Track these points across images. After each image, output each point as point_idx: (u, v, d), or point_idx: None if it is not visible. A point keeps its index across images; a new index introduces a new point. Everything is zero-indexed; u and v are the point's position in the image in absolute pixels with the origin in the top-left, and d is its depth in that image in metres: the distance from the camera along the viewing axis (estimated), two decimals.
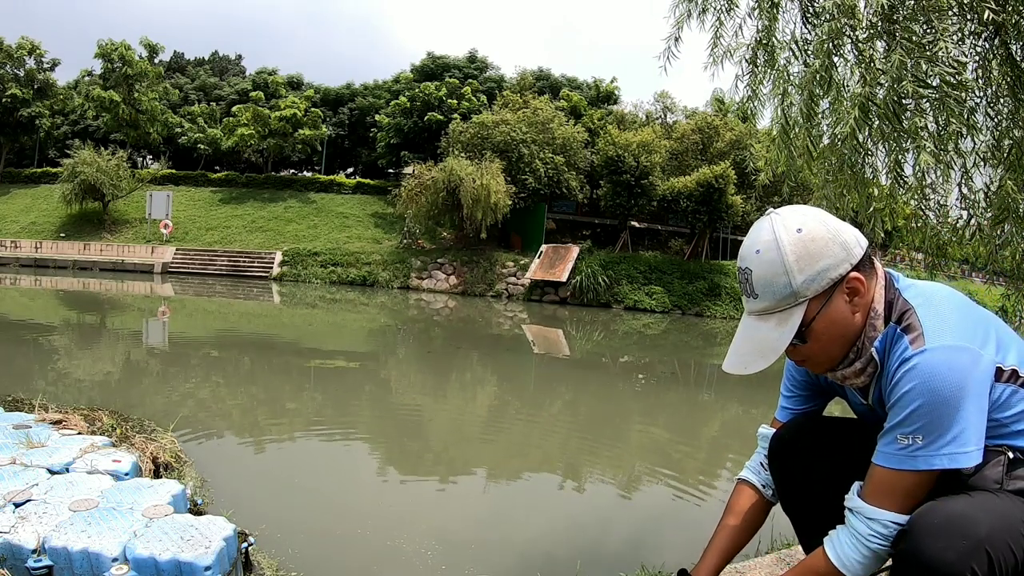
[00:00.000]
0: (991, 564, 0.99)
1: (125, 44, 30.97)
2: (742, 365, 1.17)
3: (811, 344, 1.15)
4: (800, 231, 1.10)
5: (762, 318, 1.15)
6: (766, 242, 1.11)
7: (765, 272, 1.11)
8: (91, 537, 2.13)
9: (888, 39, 2.15)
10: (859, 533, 1.13)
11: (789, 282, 1.09)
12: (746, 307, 1.18)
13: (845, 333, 1.15)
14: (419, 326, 15.32)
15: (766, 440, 1.49)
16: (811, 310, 1.11)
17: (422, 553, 3.21)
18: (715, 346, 14.58)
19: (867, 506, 1.13)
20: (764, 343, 1.14)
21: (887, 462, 1.11)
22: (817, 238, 1.09)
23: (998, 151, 2.48)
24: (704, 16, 2.83)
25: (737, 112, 24.66)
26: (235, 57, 48.58)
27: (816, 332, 1.13)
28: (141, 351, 9.46)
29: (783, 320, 1.12)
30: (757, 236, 1.14)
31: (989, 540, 1.00)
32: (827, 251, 1.09)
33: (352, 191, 30.86)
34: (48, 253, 24.97)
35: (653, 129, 24.23)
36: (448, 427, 6.33)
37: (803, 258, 1.09)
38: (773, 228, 1.12)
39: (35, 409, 3.89)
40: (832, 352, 1.17)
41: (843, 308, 1.12)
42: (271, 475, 4.47)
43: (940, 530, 1.01)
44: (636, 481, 4.92)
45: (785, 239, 1.10)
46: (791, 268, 1.09)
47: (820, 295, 1.11)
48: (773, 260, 1.10)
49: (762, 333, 1.14)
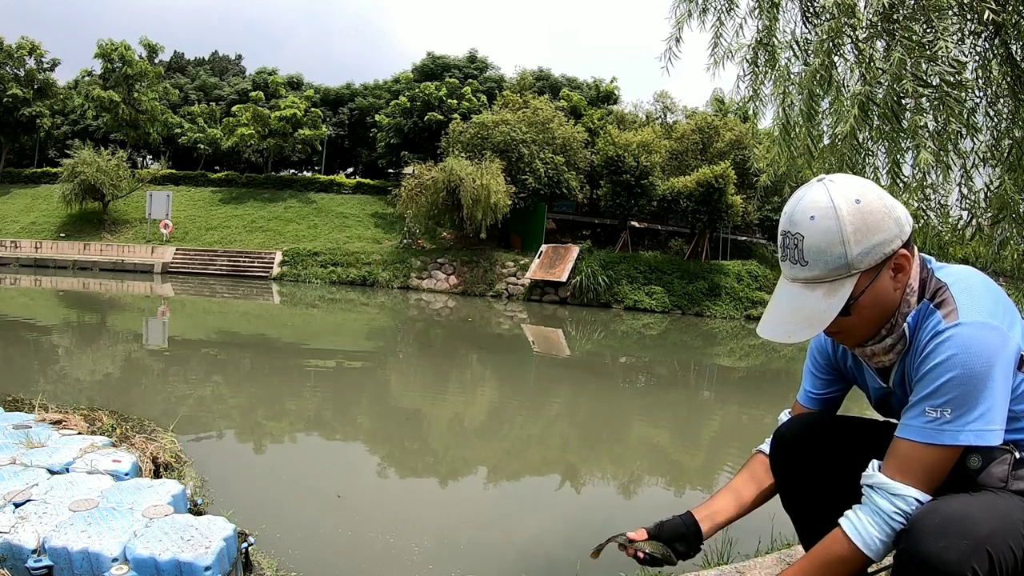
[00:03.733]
0: (992, 564, 0.99)
1: (125, 44, 30.96)
2: (786, 334, 1.13)
3: (853, 317, 1.13)
4: (859, 202, 1.07)
5: (809, 286, 1.11)
6: (822, 208, 1.08)
7: (820, 240, 1.08)
8: (91, 537, 2.13)
9: (888, 38, 2.15)
10: (882, 511, 1.10)
11: (845, 253, 1.07)
12: (789, 273, 1.15)
13: (885, 309, 1.14)
14: (419, 326, 15.31)
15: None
16: (860, 284, 1.09)
17: (422, 553, 3.21)
18: (715, 346, 14.58)
19: (891, 482, 1.10)
20: (812, 313, 1.10)
21: (913, 435, 1.09)
22: (875, 211, 1.07)
23: (998, 151, 2.48)
24: (704, 16, 2.84)
25: (737, 112, 24.70)
26: (235, 57, 48.58)
27: (861, 306, 1.11)
28: (141, 351, 9.45)
29: (833, 291, 1.09)
30: (811, 201, 1.09)
31: (990, 540, 0.99)
32: (883, 225, 1.08)
33: (352, 191, 30.85)
34: (48, 253, 24.96)
35: (653, 129, 24.22)
36: (448, 427, 6.33)
37: (861, 230, 1.06)
38: (830, 195, 1.08)
39: (35, 409, 3.90)
40: (869, 327, 1.16)
41: (888, 284, 1.12)
42: (271, 475, 4.47)
43: (940, 530, 1.01)
44: (636, 481, 4.92)
45: (844, 208, 1.07)
46: (848, 239, 1.06)
47: (871, 269, 1.09)
48: (830, 228, 1.07)
49: (810, 302, 1.11)
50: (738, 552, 2.82)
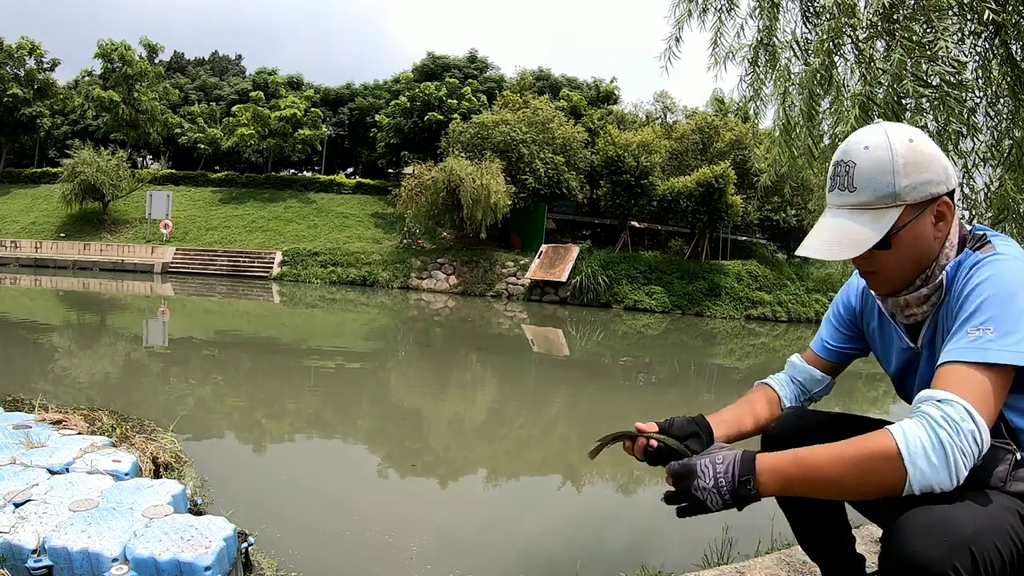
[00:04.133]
0: (975, 564, 0.97)
1: (125, 44, 30.97)
2: (831, 252, 1.17)
3: (892, 253, 1.16)
4: (912, 141, 1.13)
5: (856, 212, 1.15)
6: (876, 141, 1.14)
7: (871, 167, 1.13)
8: (91, 537, 2.13)
9: (888, 38, 2.15)
10: (929, 416, 0.99)
11: (893, 182, 1.12)
12: (835, 201, 1.19)
13: (923, 254, 1.17)
14: (419, 326, 15.31)
15: (793, 367, 1.51)
16: (904, 217, 1.13)
17: (422, 553, 3.21)
18: (715, 346, 14.58)
19: (937, 390, 1.02)
20: (856, 235, 1.14)
21: (957, 356, 1.05)
22: (925, 151, 1.13)
23: (998, 151, 2.48)
24: (705, 16, 2.83)
25: (737, 112, 24.70)
26: (235, 57, 48.61)
27: (901, 241, 1.15)
28: (141, 351, 9.45)
29: (878, 217, 1.13)
30: (865, 136, 1.16)
31: (974, 540, 0.98)
32: (932, 166, 1.13)
33: (352, 191, 30.86)
34: (48, 253, 24.96)
35: (653, 129, 24.22)
36: (448, 427, 6.33)
37: (911, 164, 1.11)
38: (885, 132, 1.15)
39: (35, 409, 3.90)
40: (905, 270, 1.18)
41: (929, 228, 1.15)
42: (271, 475, 4.47)
43: (923, 529, 0.99)
44: (636, 481, 4.92)
45: (897, 143, 1.13)
46: (898, 170, 1.11)
47: (915, 206, 1.13)
48: (882, 158, 1.12)
49: (855, 225, 1.15)
50: (738, 552, 2.82)
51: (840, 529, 1.50)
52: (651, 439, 1.30)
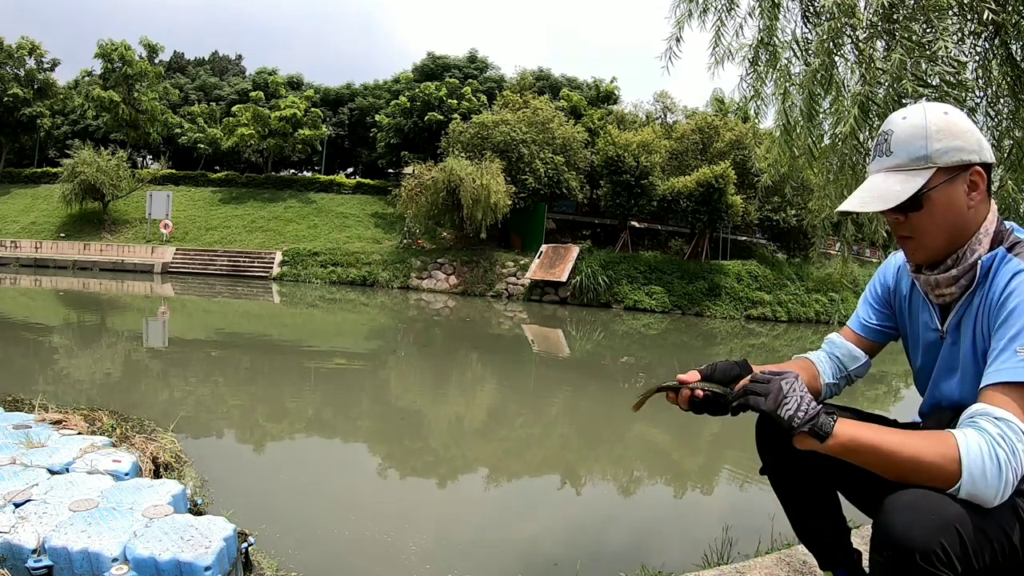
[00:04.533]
0: (963, 543, 0.99)
1: (125, 44, 30.96)
2: (863, 204, 1.23)
3: (923, 215, 1.21)
4: (947, 114, 1.21)
5: (891, 173, 1.23)
6: (914, 112, 1.23)
7: (906, 134, 1.21)
8: (91, 537, 2.13)
9: (888, 38, 2.14)
10: (988, 432, 1.03)
11: (925, 146, 1.19)
12: (874, 167, 1.27)
13: (955, 223, 1.21)
14: (419, 326, 15.31)
15: (832, 344, 1.53)
16: (935, 178, 1.18)
17: (422, 553, 3.21)
18: (715, 346, 14.57)
19: (994, 407, 1.05)
20: (887, 191, 1.21)
21: (1008, 376, 1.06)
22: (959, 123, 1.20)
23: (999, 151, 2.48)
24: (705, 16, 2.84)
25: (737, 112, 24.69)
26: (235, 57, 48.60)
27: (932, 201, 1.19)
28: (141, 351, 9.45)
29: (909, 177, 1.20)
30: (905, 110, 1.25)
31: (961, 520, 1.00)
32: (964, 136, 1.19)
33: (352, 191, 30.85)
34: (48, 253, 24.96)
35: (653, 129, 24.21)
36: (448, 427, 6.33)
37: (943, 130, 1.18)
38: (923, 106, 1.24)
39: (35, 409, 3.89)
40: (937, 238, 1.22)
41: (961, 196, 1.20)
42: (271, 475, 4.47)
43: (910, 506, 1.01)
44: (636, 481, 4.92)
45: (931, 114, 1.21)
46: (931, 134, 1.18)
47: (947, 169, 1.18)
48: (916, 124, 1.20)
49: (887, 184, 1.22)
50: (738, 552, 2.82)
51: (835, 519, 1.51)
52: (696, 389, 1.31)
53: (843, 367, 1.50)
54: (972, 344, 1.21)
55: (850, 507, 1.49)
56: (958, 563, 0.99)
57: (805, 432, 1.11)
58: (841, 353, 1.50)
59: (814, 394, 1.44)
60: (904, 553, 0.99)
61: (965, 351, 1.24)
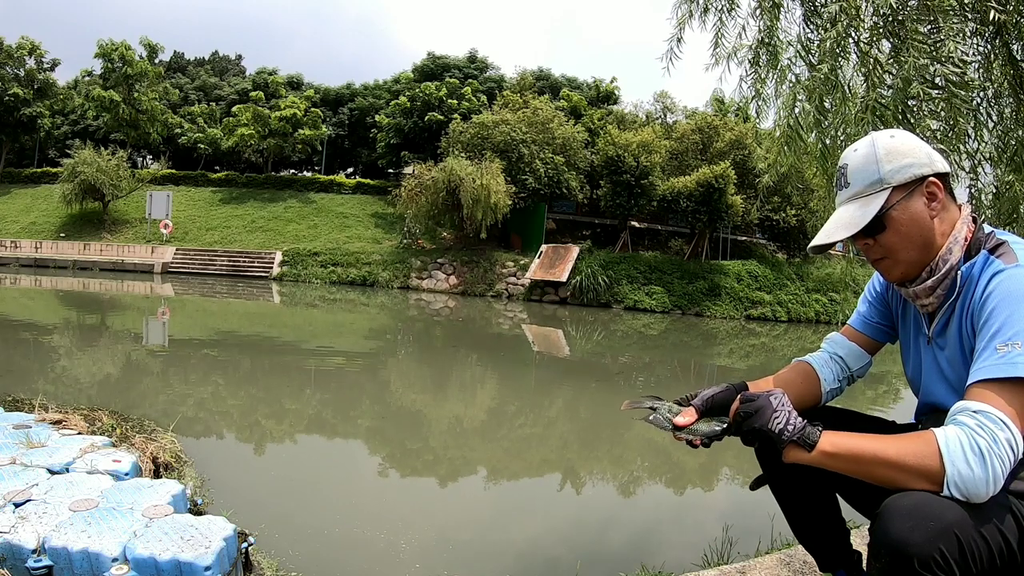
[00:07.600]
0: (961, 549, 0.98)
1: (125, 44, 30.96)
2: (827, 236, 1.29)
3: (889, 234, 1.25)
4: (893, 137, 1.27)
5: (851, 202, 1.28)
6: (863, 143, 1.30)
7: (859, 163, 1.27)
8: (91, 537, 2.12)
9: (895, 40, 2.14)
10: (967, 425, 1.04)
11: (877, 170, 1.25)
12: (838, 201, 1.33)
13: (922, 235, 1.24)
14: (419, 326, 15.31)
15: (834, 343, 1.53)
16: (892, 197, 1.23)
17: (422, 553, 3.21)
18: (715, 346, 14.57)
19: (973, 402, 1.07)
20: (850, 219, 1.26)
21: (989, 374, 1.07)
22: (906, 142, 1.26)
23: (1004, 151, 2.47)
24: (706, 16, 2.83)
25: (738, 112, 24.69)
26: (235, 57, 48.59)
27: (894, 220, 1.23)
28: (141, 351, 9.45)
29: (867, 202, 1.25)
30: (856, 144, 1.32)
31: (959, 525, 0.99)
32: (913, 152, 1.24)
33: (352, 191, 30.84)
34: (48, 253, 24.95)
35: (653, 129, 24.21)
36: (448, 427, 6.33)
37: (891, 152, 1.25)
38: (872, 136, 1.31)
39: (35, 409, 3.89)
40: (909, 252, 1.25)
41: (922, 208, 1.23)
42: (271, 475, 4.47)
43: (908, 512, 1.01)
44: (636, 481, 4.92)
45: (879, 140, 1.28)
46: (880, 158, 1.25)
47: (902, 187, 1.23)
48: (867, 153, 1.27)
49: (849, 212, 1.27)
50: (738, 552, 2.82)
51: (834, 521, 1.52)
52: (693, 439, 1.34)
53: (846, 367, 1.50)
54: (959, 347, 1.23)
55: (850, 507, 1.49)
56: (956, 569, 0.98)
57: (795, 442, 1.14)
58: (844, 352, 1.50)
59: (815, 400, 1.47)
60: (902, 559, 0.99)
61: (953, 355, 1.25)
